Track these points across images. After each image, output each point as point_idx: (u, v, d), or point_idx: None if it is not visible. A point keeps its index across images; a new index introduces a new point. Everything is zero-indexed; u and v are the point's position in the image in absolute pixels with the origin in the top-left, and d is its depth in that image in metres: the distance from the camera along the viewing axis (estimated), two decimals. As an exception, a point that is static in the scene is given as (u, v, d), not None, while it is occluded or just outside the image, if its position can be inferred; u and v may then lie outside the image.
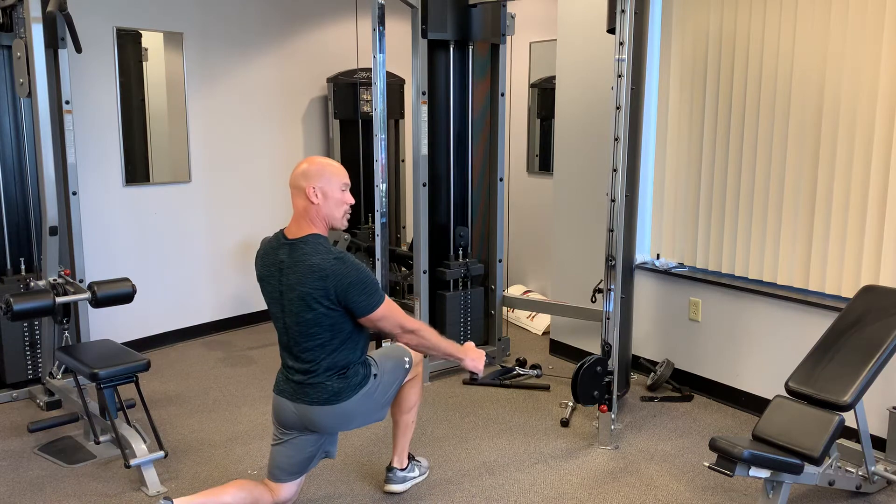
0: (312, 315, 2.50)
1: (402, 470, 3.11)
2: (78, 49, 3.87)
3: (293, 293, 2.51)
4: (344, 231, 5.48)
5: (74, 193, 4.06)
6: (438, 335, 2.74)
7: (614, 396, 3.49)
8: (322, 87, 5.72)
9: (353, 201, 2.59)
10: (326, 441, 2.78)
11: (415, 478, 3.16)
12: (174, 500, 2.54)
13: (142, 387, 3.35)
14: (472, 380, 2.76)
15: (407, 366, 2.87)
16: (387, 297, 2.58)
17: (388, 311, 2.55)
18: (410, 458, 3.18)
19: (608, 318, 3.47)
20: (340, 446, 3.53)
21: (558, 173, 4.74)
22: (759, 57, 3.74)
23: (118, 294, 3.55)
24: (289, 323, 2.58)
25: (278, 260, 2.55)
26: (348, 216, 2.61)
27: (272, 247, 2.61)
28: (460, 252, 4.53)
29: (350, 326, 2.57)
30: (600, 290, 3.57)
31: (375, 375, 2.71)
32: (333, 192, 2.52)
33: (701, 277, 4.07)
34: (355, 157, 5.69)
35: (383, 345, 3.51)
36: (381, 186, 4.06)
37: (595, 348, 3.83)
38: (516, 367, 4.43)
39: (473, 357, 2.81)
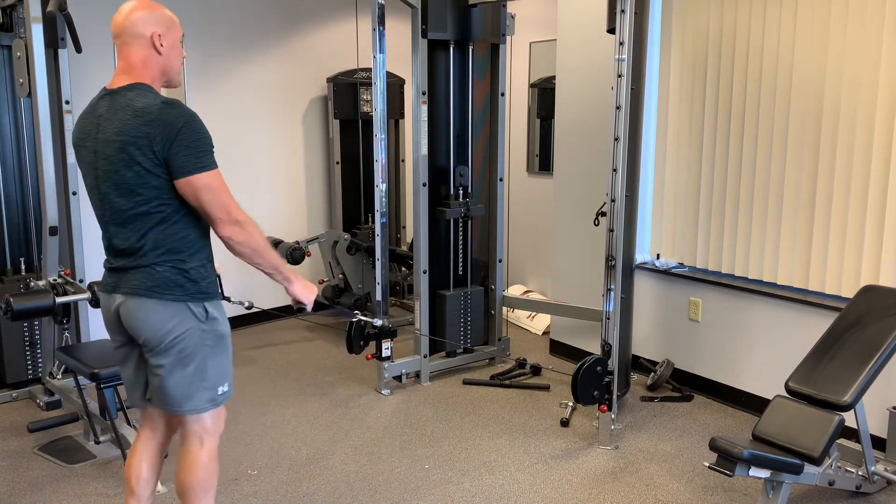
0: (133, 173, 2.06)
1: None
2: (78, 49, 3.86)
3: (110, 147, 2.07)
4: (344, 231, 5.49)
5: (74, 193, 4.06)
6: (269, 244, 2.26)
7: (614, 396, 3.49)
8: (322, 87, 5.72)
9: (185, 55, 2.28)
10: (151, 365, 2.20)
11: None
12: None
13: (142, 387, 3.35)
14: (299, 310, 2.38)
15: (225, 388, 2.28)
16: (220, 172, 2.14)
17: (218, 183, 2.09)
18: None
19: (608, 318, 3.47)
20: (339, 446, 3.53)
21: (558, 173, 4.74)
22: (759, 57, 3.74)
23: (118, 294, 3.55)
24: (104, 189, 2.12)
25: (96, 115, 2.14)
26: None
27: (91, 103, 2.21)
28: (460, 191, 4.46)
29: (181, 199, 2.12)
30: (603, 214, 3.50)
31: (213, 318, 2.22)
32: (176, 43, 2.21)
33: (701, 277, 4.08)
34: (355, 157, 5.69)
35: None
36: (381, 186, 4.06)
37: (595, 348, 3.83)
38: (358, 313, 3.63)
39: (305, 285, 2.37)
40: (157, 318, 2.14)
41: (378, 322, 3.70)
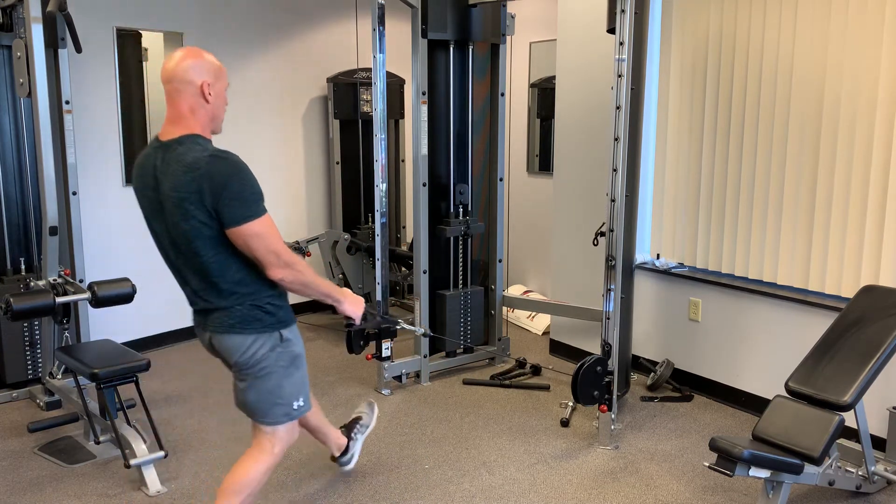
0: (190, 226, 2.17)
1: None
2: (78, 49, 3.87)
3: (169, 202, 2.18)
4: (344, 231, 5.49)
5: (74, 193, 4.06)
6: (316, 273, 2.40)
7: (614, 396, 3.49)
8: (322, 87, 5.72)
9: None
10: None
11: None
12: None
13: (142, 387, 3.35)
14: (349, 326, 2.50)
15: (300, 402, 2.48)
16: (269, 216, 2.23)
17: (265, 230, 2.18)
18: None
19: (608, 318, 3.47)
20: (340, 446, 3.53)
21: (558, 173, 4.74)
22: (759, 57, 3.74)
23: (118, 294, 3.55)
24: (174, 236, 2.25)
25: (153, 167, 2.23)
26: None
27: (147, 154, 2.29)
28: (460, 209, 4.47)
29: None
30: (603, 234, 3.52)
31: (287, 340, 2.39)
32: (223, 92, 2.29)
33: (701, 277, 4.08)
34: (355, 157, 5.69)
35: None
36: (381, 186, 4.06)
37: (595, 348, 3.83)
38: (401, 321, 3.73)
39: (352, 302, 2.53)
40: (240, 347, 2.33)
41: (420, 330, 3.81)
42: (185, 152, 2.17)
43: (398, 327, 3.85)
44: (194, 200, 2.13)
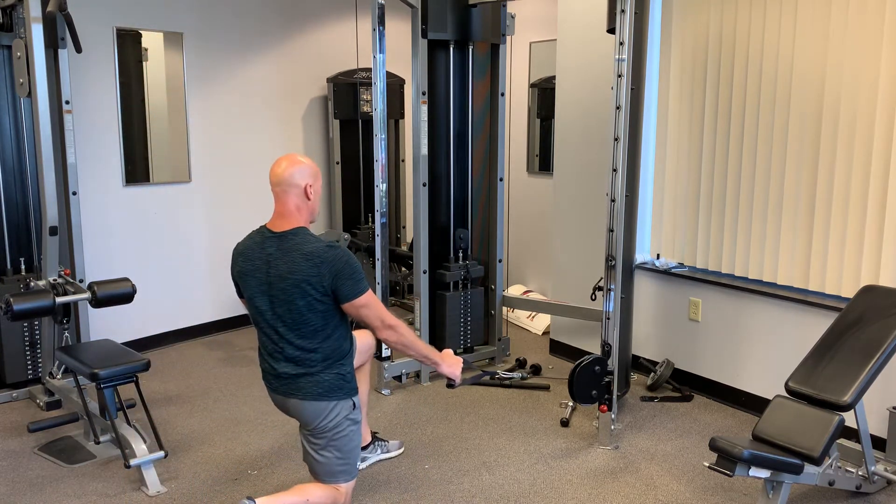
0: (305, 302, 2.54)
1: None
2: (78, 49, 3.87)
3: (285, 282, 2.54)
4: (344, 231, 5.49)
5: (74, 193, 4.06)
6: (416, 336, 2.72)
7: (614, 396, 3.49)
8: (322, 87, 5.72)
9: None
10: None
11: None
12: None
13: (142, 387, 3.35)
14: (450, 386, 2.75)
15: (359, 464, 2.82)
16: (371, 290, 2.65)
17: (372, 300, 2.61)
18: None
19: (608, 318, 3.47)
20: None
21: (558, 173, 4.74)
22: (759, 57, 3.74)
23: (118, 294, 3.55)
24: (279, 312, 2.59)
25: (266, 253, 2.59)
26: None
27: (256, 241, 2.65)
28: (460, 254, 4.53)
29: (340, 314, 2.62)
30: (600, 288, 3.57)
31: (357, 408, 2.71)
32: (319, 190, 2.69)
33: (701, 277, 4.08)
34: (355, 157, 5.69)
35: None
36: (381, 186, 4.06)
37: (595, 348, 3.83)
38: (498, 372, 4.39)
39: (451, 363, 2.81)
40: (322, 412, 2.62)
41: (517, 375, 4.12)
42: (303, 243, 2.55)
43: (497, 376, 4.35)
44: (314, 283, 2.51)
